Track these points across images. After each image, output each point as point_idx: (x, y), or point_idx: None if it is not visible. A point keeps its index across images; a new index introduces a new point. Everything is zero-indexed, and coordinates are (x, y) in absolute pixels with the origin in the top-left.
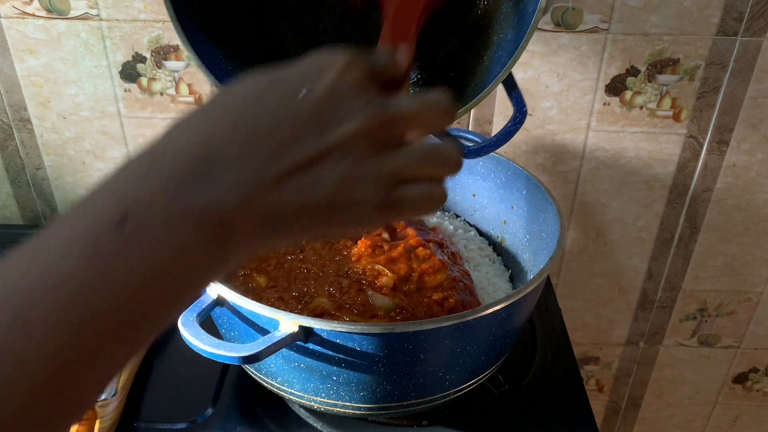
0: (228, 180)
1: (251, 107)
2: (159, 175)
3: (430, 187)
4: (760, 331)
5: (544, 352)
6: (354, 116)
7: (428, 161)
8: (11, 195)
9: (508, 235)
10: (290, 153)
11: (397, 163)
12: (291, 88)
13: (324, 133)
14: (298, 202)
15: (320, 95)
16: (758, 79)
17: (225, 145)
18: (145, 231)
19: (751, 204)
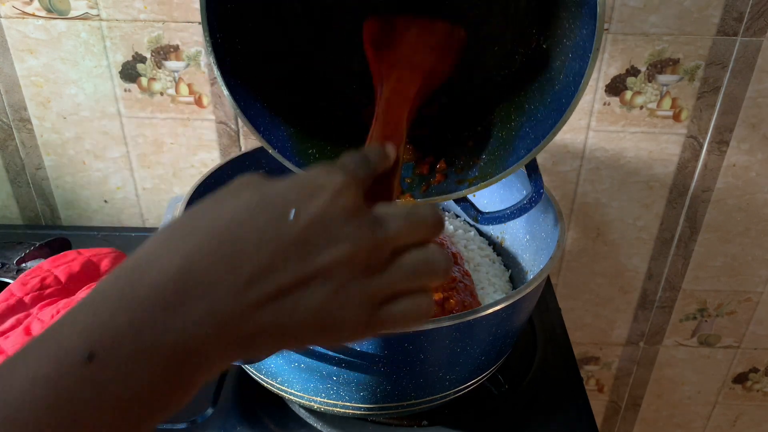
0: (201, 310)
1: (236, 228)
2: (129, 306)
3: (415, 300)
4: (760, 331)
5: (544, 352)
6: (341, 242)
7: (415, 276)
8: (11, 195)
9: (508, 235)
10: (271, 278)
11: (380, 285)
12: (280, 210)
13: (307, 259)
14: (274, 327)
15: (309, 219)
16: (758, 79)
17: (202, 271)
18: (112, 368)
19: (751, 204)
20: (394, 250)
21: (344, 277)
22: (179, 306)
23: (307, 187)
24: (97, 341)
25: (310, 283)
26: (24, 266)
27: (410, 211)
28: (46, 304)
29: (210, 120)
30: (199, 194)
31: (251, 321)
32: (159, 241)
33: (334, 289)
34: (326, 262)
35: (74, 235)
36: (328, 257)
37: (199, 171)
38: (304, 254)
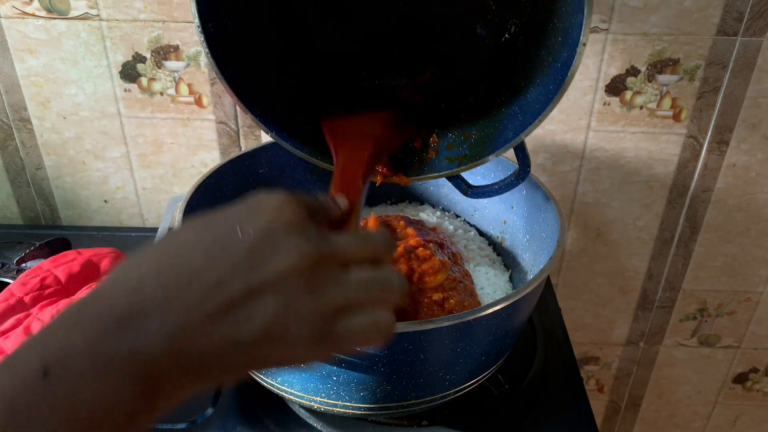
0: (154, 326)
1: (184, 249)
2: (83, 326)
3: (372, 314)
4: (760, 331)
5: (544, 352)
6: (286, 253)
7: (367, 290)
8: (11, 195)
9: (508, 235)
10: (219, 293)
11: (332, 297)
12: (225, 228)
13: (255, 271)
14: (226, 342)
15: (253, 234)
16: (758, 79)
17: (153, 290)
18: (67, 383)
19: (751, 204)
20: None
21: (293, 288)
22: (131, 322)
23: (250, 207)
24: (51, 357)
25: (260, 296)
26: (24, 266)
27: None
28: (46, 304)
29: (210, 120)
30: (199, 194)
31: (204, 337)
32: (116, 272)
33: (284, 300)
34: (273, 273)
35: (74, 235)
36: (274, 268)
37: (199, 171)
38: (250, 267)
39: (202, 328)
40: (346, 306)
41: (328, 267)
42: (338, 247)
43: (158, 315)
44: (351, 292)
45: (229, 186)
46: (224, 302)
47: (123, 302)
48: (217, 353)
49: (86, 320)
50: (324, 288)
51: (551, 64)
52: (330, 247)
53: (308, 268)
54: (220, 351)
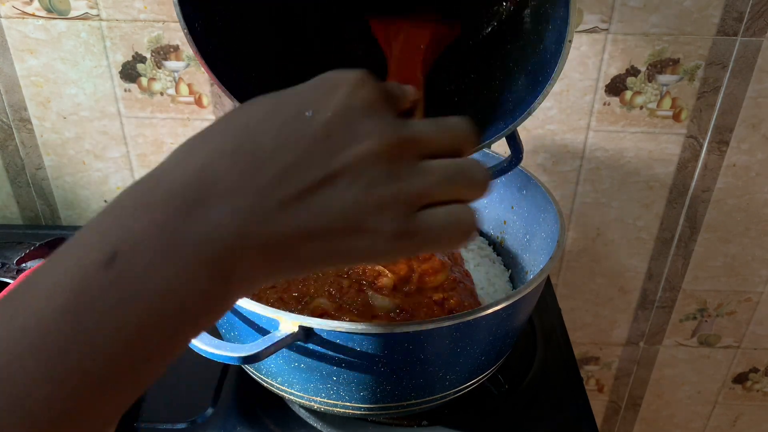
0: (225, 209)
1: (254, 129)
2: (149, 208)
3: (456, 210)
4: (760, 331)
5: (544, 352)
6: (367, 135)
7: (451, 182)
8: (11, 195)
9: (508, 235)
10: (295, 176)
11: (415, 186)
12: (297, 108)
13: (333, 155)
14: (304, 229)
15: (329, 114)
16: (758, 79)
17: (223, 171)
18: (135, 270)
19: (751, 204)
20: (423, 155)
21: (373, 174)
22: (200, 206)
23: (323, 85)
24: (117, 243)
25: (337, 181)
26: (24, 266)
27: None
28: None
29: (210, 120)
30: None
31: (278, 222)
32: (177, 151)
33: (364, 187)
34: (352, 158)
35: None
36: (353, 152)
37: None
38: (326, 150)
39: (276, 214)
40: (429, 198)
41: (410, 154)
42: (420, 132)
43: (228, 198)
44: (435, 183)
45: None
46: (298, 187)
47: (192, 182)
48: (291, 242)
49: (151, 204)
50: (406, 176)
51: (541, 51)
52: (411, 131)
53: (389, 154)
54: (295, 239)
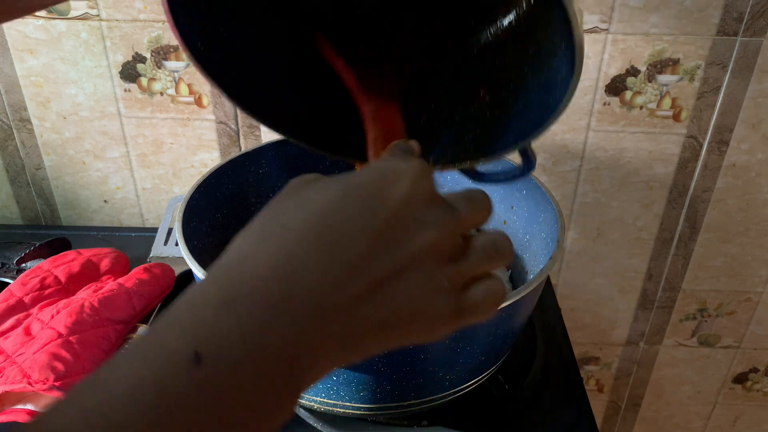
0: (308, 306)
1: (330, 220)
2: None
3: (492, 283)
4: (760, 331)
5: (544, 352)
6: (428, 226)
7: (490, 258)
8: (11, 195)
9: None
10: (370, 268)
11: (464, 267)
12: (367, 198)
13: (401, 246)
14: (377, 321)
15: (398, 204)
16: (758, 79)
17: (305, 265)
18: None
19: (751, 204)
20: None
21: (433, 263)
22: (285, 303)
23: (387, 173)
24: (203, 343)
25: (406, 273)
26: (24, 266)
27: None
28: (46, 304)
29: (210, 120)
30: (199, 194)
31: (354, 315)
32: (250, 238)
33: (427, 276)
34: (419, 247)
35: (74, 235)
36: (418, 242)
37: (199, 171)
38: (396, 241)
39: (353, 307)
40: (473, 275)
41: (458, 239)
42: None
43: (312, 293)
44: (478, 262)
45: (229, 186)
46: (373, 279)
47: (273, 279)
48: (366, 333)
49: (235, 300)
50: (458, 260)
51: (555, 70)
52: (459, 215)
53: (446, 242)
54: (368, 331)
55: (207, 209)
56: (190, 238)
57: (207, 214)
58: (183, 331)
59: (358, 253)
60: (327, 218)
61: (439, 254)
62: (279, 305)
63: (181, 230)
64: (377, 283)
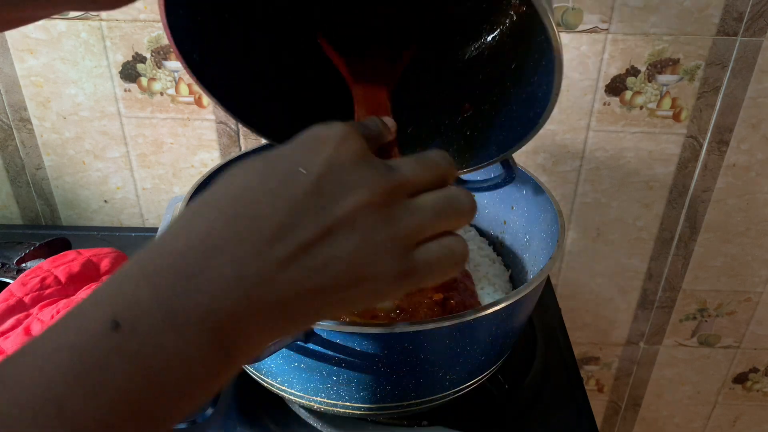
0: (228, 275)
1: (249, 193)
2: (152, 277)
3: (449, 242)
4: (760, 331)
5: (544, 352)
6: (357, 187)
7: (442, 215)
8: (11, 195)
9: (508, 235)
10: (293, 234)
11: (409, 226)
12: (288, 168)
13: (327, 209)
14: (309, 287)
15: (320, 169)
16: (758, 79)
17: (223, 237)
18: (137, 337)
19: (751, 204)
20: (412, 193)
21: (368, 222)
22: (203, 271)
23: (309, 142)
24: (121, 311)
25: (335, 235)
26: (24, 266)
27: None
28: (46, 304)
29: (210, 120)
30: (199, 194)
31: (281, 282)
32: (176, 221)
33: (361, 236)
34: (346, 210)
35: (74, 235)
36: (346, 204)
37: (199, 171)
38: (321, 206)
39: (278, 273)
40: (423, 234)
41: (400, 196)
42: (406, 174)
43: (230, 263)
44: (427, 219)
45: None
46: (297, 244)
47: (191, 250)
48: (298, 300)
49: (153, 272)
50: (399, 218)
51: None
52: (399, 175)
53: (381, 200)
54: (301, 297)
55: None
56: None
57: None
58: (102, 302)
59: (278, 221)
60: (247, 191)
61: (375, 213)
62: (197, 276)
63: None
64: (302, 248)
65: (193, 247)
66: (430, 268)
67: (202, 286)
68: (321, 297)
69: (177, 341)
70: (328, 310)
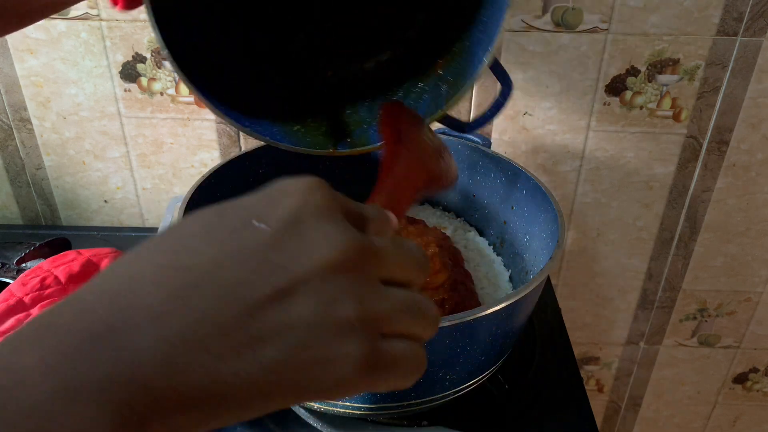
0: (144, 341)
1: (190, 243)
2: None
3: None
4: (760, 331)
5: (544, 352)
6: (320, 243)
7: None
8: (11, 195)
9: (508, 235)
10: (238, 293)
11: (380, 309)
12: (243, 218)
13: (283, 268)
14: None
15: (279, 223)
16: (758, 79)
17: (147, 293)
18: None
19: (751, 204)
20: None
21: (331, 289)
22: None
23: (272, 193)
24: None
25: (291, 299)
26: (24, 266)
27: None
28: (46, 304)
29: (210, 120)
30: (199, 194)
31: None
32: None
33: (324, 304)
34: (305, 270)
35: (74, 235)
36: (306, 263)
37: (199, 171)
38: (276, 263)
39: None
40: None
41: (369, 270)
42: (379, 247)
43: (151, 325)
44: (397, 311)
45: (229, 186)
46: (243, 310)
47: (104, 308)
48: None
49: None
50: (368, 296)
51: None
52: (370, 244)
53: (348, 265)
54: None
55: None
56: None
57: None
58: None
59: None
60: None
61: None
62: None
63: None
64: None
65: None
66: (396, 365)
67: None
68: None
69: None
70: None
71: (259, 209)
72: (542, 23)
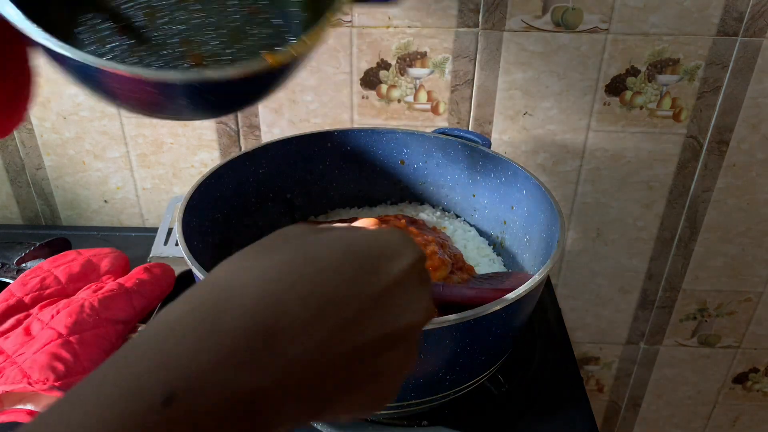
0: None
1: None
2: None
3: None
4: (760, 331)
5: (544, 352)
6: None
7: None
8: (11, 195)
9: (508, 235)
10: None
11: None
12: (367, 264)
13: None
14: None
15: (394, 279)
16: (758, 79)
17: (292, 316)
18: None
19: (751, 204)
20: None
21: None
22: (264, 354)
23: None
24: (176, 383)
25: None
26: (24, 266)
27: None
28: (46, 304)
29: (210, 120)
30: (199, 194)
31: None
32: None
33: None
34: (405, 325)
35: (74, 235)
36: (407, 319)
37: (199, 171)
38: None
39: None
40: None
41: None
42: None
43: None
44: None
45: (229, 186)
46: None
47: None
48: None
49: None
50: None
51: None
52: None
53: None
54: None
55: (207, 209)
56: (190, 238)
57: (207, 214)
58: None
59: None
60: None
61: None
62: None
63: (181, 230)
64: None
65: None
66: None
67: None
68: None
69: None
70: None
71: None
72: (542, 23)
